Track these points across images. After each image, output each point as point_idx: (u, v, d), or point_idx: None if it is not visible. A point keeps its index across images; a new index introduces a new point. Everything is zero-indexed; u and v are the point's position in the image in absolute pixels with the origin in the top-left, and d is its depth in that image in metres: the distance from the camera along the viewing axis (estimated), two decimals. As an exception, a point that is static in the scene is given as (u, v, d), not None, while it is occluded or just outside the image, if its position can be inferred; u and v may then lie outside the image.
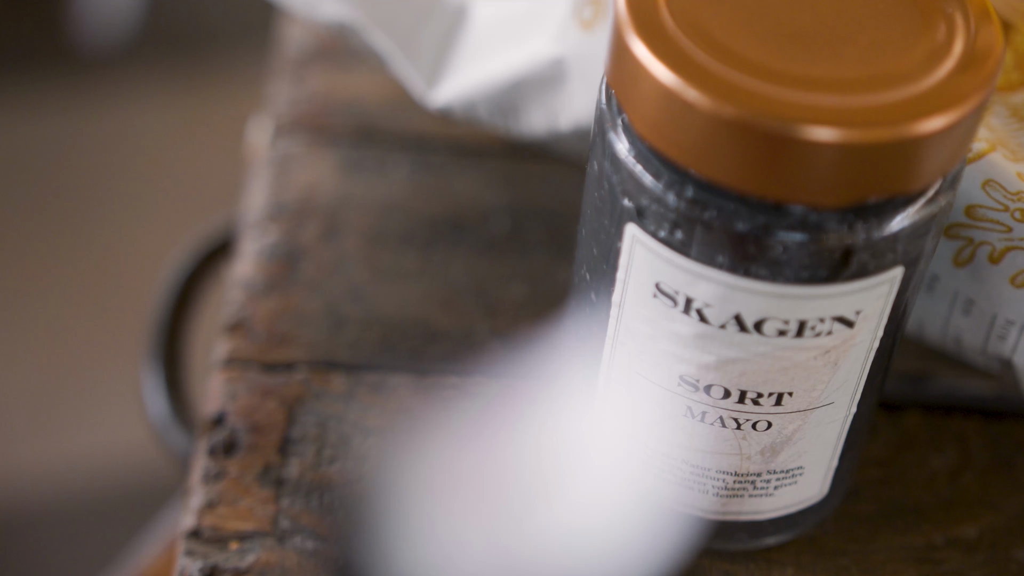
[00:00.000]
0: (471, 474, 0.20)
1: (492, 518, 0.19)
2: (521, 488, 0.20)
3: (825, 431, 0.31)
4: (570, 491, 0.21)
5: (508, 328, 0.40)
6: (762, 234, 0.27)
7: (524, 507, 0.20)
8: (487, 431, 0.21)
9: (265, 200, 0.43)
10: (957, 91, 0.27)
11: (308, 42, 0.49)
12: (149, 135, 1.36)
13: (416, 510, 0.20)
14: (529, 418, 0.21)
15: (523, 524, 0.19)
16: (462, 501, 0.20)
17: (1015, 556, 0.35)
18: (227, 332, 0.39)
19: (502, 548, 0.19)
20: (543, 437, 0.21)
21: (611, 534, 0.21)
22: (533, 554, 0.19)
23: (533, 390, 0.25)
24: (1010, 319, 0.33)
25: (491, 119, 0.40)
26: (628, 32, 0.27)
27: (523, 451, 0.21)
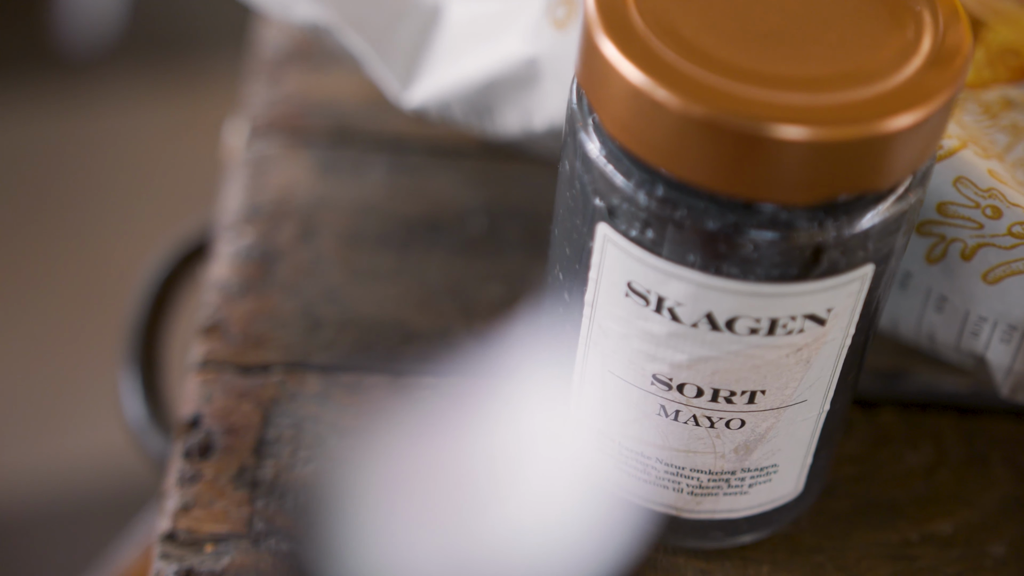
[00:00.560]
0: (425, 474, 0.20)
1: (444, 517, 0.19)
2: (474, 487, 0.20)
3: (799, 429, 0.31)
4: (522, 490, 0.21)
5: (485, 328, 0.40)
6: (733, 233, 0.27)
7: (477, 506, 0.20)
8: (442, 431, 0.21)
9: (241, 202, 0.43)
10: (926, 89, 0.27)
11: (284, 44, 0.49)
12: (130, 138, 1.35)
13: (369, 510, 0.20)
14: (483, 418, 0.21)
15: (475, 523, 0.19)
16: (415, 501, 0.20)
17: (990, 552, 0.35)
18: (203, 334, 0.39)
19: (454, 547, 0.19)
20: (496, 436, 0.21)
21: (563, 531, 0.21)
22: (484, 552, 0.19)
23: (488, 390, 0.25)
24: (982, 316, 0.33)
25: (466, 119, 0.40)
26: (597, 32, 0.27)
27: (477, 451, 0.21)
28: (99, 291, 1.22)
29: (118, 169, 1.33)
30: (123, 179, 1.32)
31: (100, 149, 1.34)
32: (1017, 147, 0.34)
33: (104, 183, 1.31)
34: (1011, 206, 0.32)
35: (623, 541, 0.29)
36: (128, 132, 1.36)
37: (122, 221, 1.28)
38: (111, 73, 1.40)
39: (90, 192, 1.30)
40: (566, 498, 0.22)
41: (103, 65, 1.41)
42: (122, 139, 1.35)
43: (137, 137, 1.36)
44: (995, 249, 0.32)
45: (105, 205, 1.29)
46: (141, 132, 1.36)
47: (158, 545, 0.33)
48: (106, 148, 1.34)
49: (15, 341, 1.17)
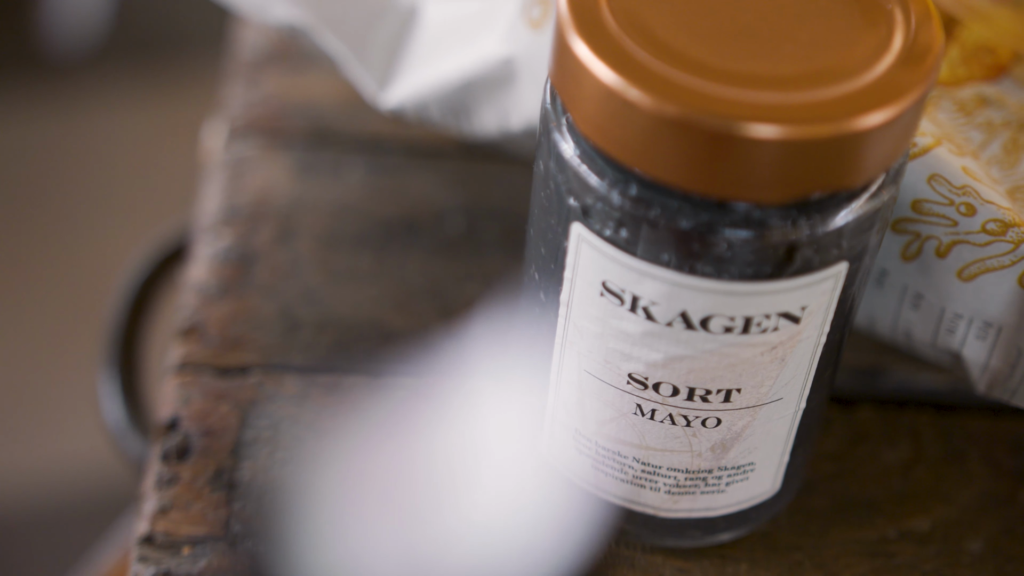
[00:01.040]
0: (385, 473, 0.20)
1: (404, 516, 0.19)
2: (433, 486, 0.20)
3: (775, 427, 0.31)
4: (482, 488, 0.21)
5: (452, 327, 0.40)
6: (706, 232, 0.27)
7: (436, 504, 0.20)
8: (400, 430, 0.21)
9: (219, 204, 0.43)
10: (897, 86, 0.27)
11: (262, 45, 0.49)
12: (112, 140, 1.35)
13: (329, 510, 0.20)
14: (442, 417, 0.21)
15: (434, 521, 0.20)
16: (375, 500, 0.20)
17: (967, 548, 0.35)
18: (180, 337, 0.39)
19: (413, 546, 0.19)
20: (456, 435, 0.21)
21: (523, 529, 0.21)
22: (443, 551, 0.19)
23: (450, 389, 0.25)
24: (958, 313, 0.33)
25: (443, 120, 0.40)
26: (570, 32, 0.27)
27: (437, 449, 0.21)
28: (79, 294, 1.21)
29: (99, 171, 1.32)
30: (104, 181, 1.31)
31: (81, 151, 1.34)
32: (992, 144, 0.35)
33: (85, 185, 1.31)
34: (985, 203, 0.32)
35: (584, 538, 0.29)
36: (109, 134, 1.36)
37: (102, 224, 1.27)
38: (93, 75, 1.40)
39: (71, 195, 1.30)
40: (526, 496, 0.22)
41: (85, 67, 1.40)
42: (103, 141, 1.35)
43: (119, 139, 1.35)
44: (969, 246, 0.32)
45: (86, 208, 1.29)
46: (122, 134, 1.36)
47: (136, 548, 0.33)
48: (87, 150, 1.34)
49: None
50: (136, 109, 1.38)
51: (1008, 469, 0.37)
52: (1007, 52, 0.37)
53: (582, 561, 0.26)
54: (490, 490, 0.22)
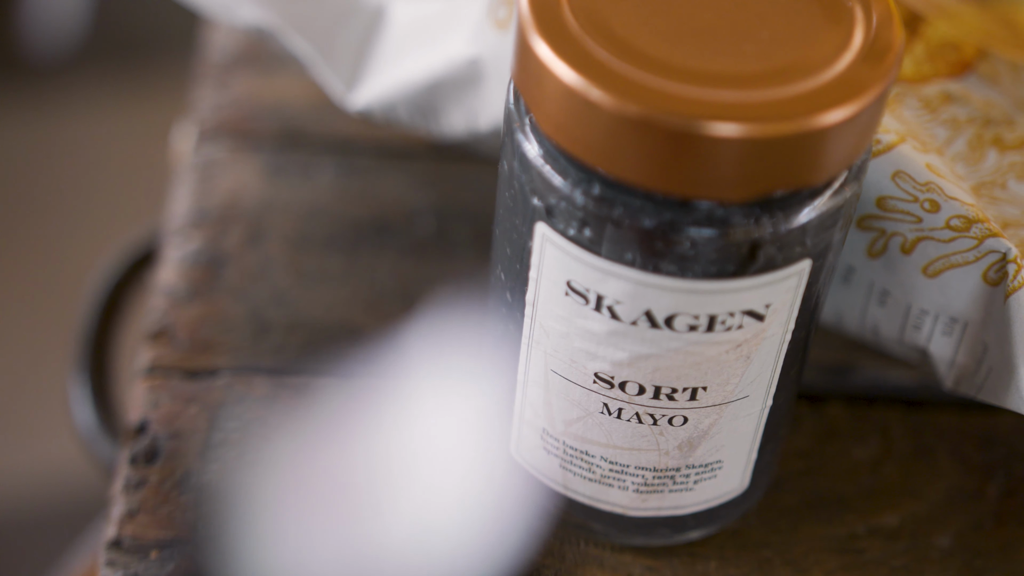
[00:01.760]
0: (325, 476, 0.20)
1: (342, 517, 0.19)
2: (372, 488, 0.20)
3: (742, 424, 0.32)
4: (421, 489, 0.21)
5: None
6: (669, 230, 0.27)
7: (374, 506, 0.20)
8: (342, 433, 0.21)
9: (188, 206, 0.43)
10: (858, 83, 0.27)
11: (232, 47, 0.49)
12: (86, 143, 1.35)
13: (267, 513, 0.20)
14: (382, 419, 0.21)
15: (372, 522, 0.20)
16: (312, 503, 0.20)
17: (936, 543, 0.35)
18: (150, 340, 0.38)
19: (349, 548, 0.19)
20: (397, 437, 0.21)
21: (461, 529, 0.21)
22: (380, 551, 0.19)
23: (388, 391, 0.25)
24: (924, 309, 0.34)
25: (411, 121, 0.40)
26: (531, 32, 0.27)
27: (374, 452, 0.21)
28: (51, 298, 1.21)
29: (71, 175, 1.32)
30: (76, 185, 1.31)
31: (53, 155, 1.34)
32: (957, 141, 0.35)
33: (57, 189, 1.31)
34: (949, 199, 0.32)
35: (525, 536, 0.29)
36: (81, 138, 1.35)
37: (75, 228, 1.27)
38: (67, 79, 1.40)
39: (42, 199, 1.30)
40: (468, 495, 0.22)
41: (58, 71, 1.40)
42: (76, 145, 1.34)
43: (91, 143, 1.35)
44: (934, 242, 0.33)
45: (58, 211, 1.28)
46: (95, 138, 1.35)
47: (104, 552, 0.33)
48: (59, 154, 1.34)
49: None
50: (110, 113, 1.38)
51: (976, 464, 0.37)
52: (972, 49, 0.37)
53: (522, 559, 0.26)
54: (432, 489, 0.22)
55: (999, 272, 0.32)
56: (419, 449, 0.22)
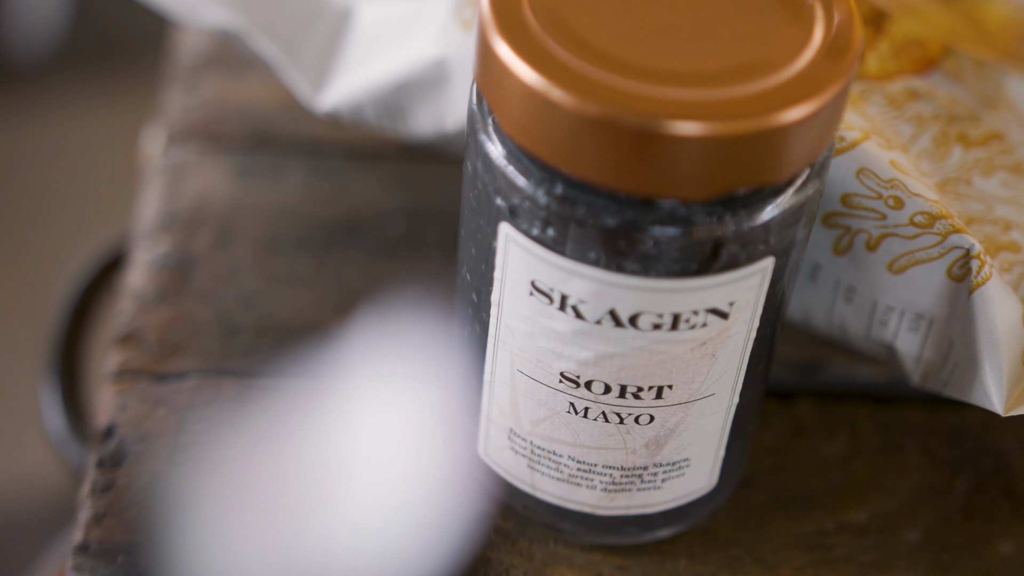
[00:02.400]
0: (265, 478, 0.20)
1: (282, 521, 0.19)
2: (312, 490, 0.20)
3: (709, 422, 0.32)
4: (359, 491, 0.21)
5: (403, 330, 0.40)
6: (632, 229, 0.27)
7: (314, 509, 0.20)
8: (284, 434, 0.21)
9: (157, 210, 0.42)
10: (818, 80, 0.27)
11: (201, 49, 0.48)
12: (56, 147, 1.34)
13: (208, 515, 0.20)
14: (322, 421, 0.21)
15: (311, 526, 0.20)
16: (254, 505, 0.20)
17: (904, 538, 0.35)
18: (118, 344, 0.38)
19: (289, 550, 0.19)
20: (337, 439, 0.21)
21: (398, 532, 0.21)
22: (318, 553, 0.19)
23: (330, 392, 0.25)
24: (890, 305, 0.34)
25: (379, 122, 0.40)
26: (492, 33, 0.27)
27: (316, 454, 0.21)
28: (21, 302, 1.20)
29: (42, 179, 1.31)
30: (47, 189, 1.30)
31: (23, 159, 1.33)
32: (922, 138, 0.35)
33: (27, 193, 1.30)
34: (912, 196, 0.32)
35: (463, 538, 0.29)
36: (54, 142, 1.35)
37: (46, 232, 1.26)
38: (39, 83, 1.39)
39: (12, 203, 1.29)
40: (407, 496, 0.22)
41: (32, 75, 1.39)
42: (46, 149, 1.34)
43: (61, 147, 1.34)
44: (898, 239, 0.33)
45: (28, 215, 1.28)
46: (67, 142, 1.35)
47: (71, 557, 0.33)
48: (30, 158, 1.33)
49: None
50: (81, 117, 1.37)
51: (944, 459, 0.37)
52: (936, 46, 0.37)
53: (461, 560, 0.26)
54: (373, 490, 0.22)
55: (963, 268, 0.32)
56: (361, 450, 0.22)
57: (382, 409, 0.24)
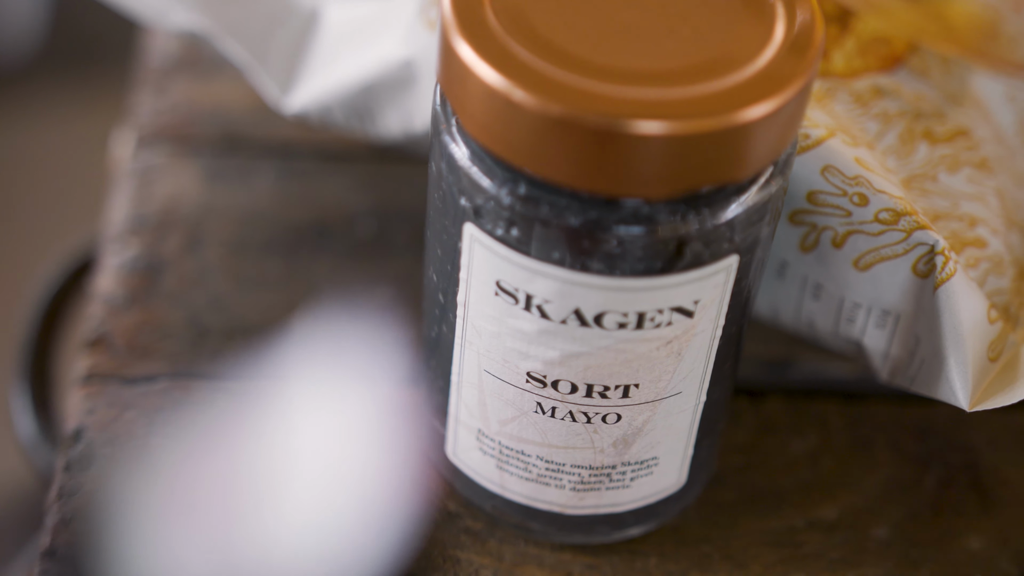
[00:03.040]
0: (208, 480, 0.20)
1: (224, 522, 0.19)
2: (255, 491, 0.20)
3: (676, 421, 0.32)
4: (299, 492, 0.21)
5: (374, 332, 0.39)
6: (595, 229, 0.27)
7: (256, 510, 0.20)
8: (225, 436, 0.21)
9: (126, 213, 0.42)
10: (779, 77, 0.27)
11: (171, 52, 0.48)
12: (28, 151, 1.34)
13: (146, 518, 0.20)
14: (264, 422, 0.21)
15: (253, 527, 0.20)
16: (196, 507, 0.20)
17: (873, 534, 0.36)
18: (87, 348, 0.38)
19: (231, 551, 0.19)
20: (274, 440, 0.21)
21: (339, 533, 0.21)
22: (261, 555, 0.19)
23: (271, 394, 0.25)
24: (857, 302, 0.34)
25: (347, 123, 0.40)
26: (453, 34, 0.27)
27: (256, 455, 0.21)
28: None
29: (13, 183, 1.31)
30: (18, 193, 1.30)
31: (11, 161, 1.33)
32: (888, 135, 0.35)
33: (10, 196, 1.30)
34: (877, 193, 0.32)
35: (405, 539, 0.29)
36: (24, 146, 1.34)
37: (16, 236, 1.26)
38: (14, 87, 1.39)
39: (1, 206, 1.29)
40: (348, 497, 0.22)
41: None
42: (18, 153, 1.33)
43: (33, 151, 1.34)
44: (864, 236, 0.33)
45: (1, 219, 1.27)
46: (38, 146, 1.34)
47: (38, 563, 0.33)
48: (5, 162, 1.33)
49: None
50: (52, 120, 1.37)
51: (913, 455, 0.37)
52: (902, 43, 0.37)
53: (402, 561, 0.26)
54: (314, 491, 0.22)
55: (928, 264, 0.32)
56: (304, 451, 0.22)
57: (327, 410, 0.24)
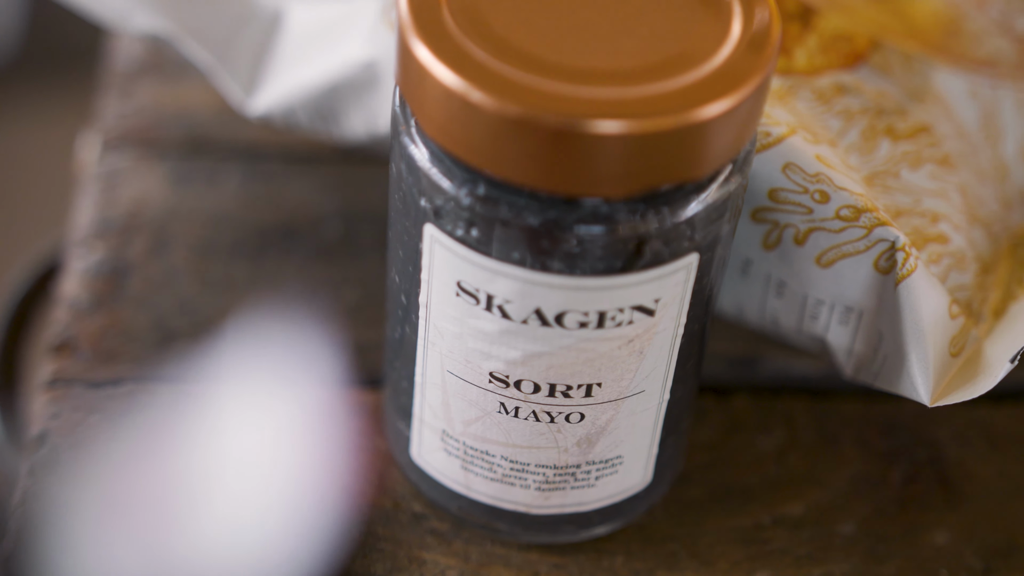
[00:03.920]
0: (139, 483, 0.20)
1: (151, 528, 0.19)
2: (187, 496, 0.20)
3: (640, 419, 0.32)
4: (231, 495, 0.21)
5: (340, 334, 0.39)
6: (555, 228, 0.27)
7: (188, 515, 0.20)
8: (160, 439, 0.21)
9: (91, 217, 0.42)
10: (737, 75, 0.27)
11: (136, 55, 0.48)
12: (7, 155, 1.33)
13: (81, 523, 0.20)
14: (194, 428, 0.21)
15: (186, 531, 0.19)
16: (124, 512, 0.20)
17: (839, 531, 0.36)
18: (52, 353, 0.38)
19: (161, 552, 0.19)
20: (208, 446, 0.21)
21: (270, 533, 0.21)
22: (191, 556, 0.19)
23: (206, 397, 0.25)
24: (819, 299, 0.34)
25: (312, 125, 0.40)
26: (410, 35, 0.27)
27: (190, 457, 0.21)
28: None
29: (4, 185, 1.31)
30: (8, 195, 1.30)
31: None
32: (850, 132, 0.35)
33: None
34: (838, 190, 0.32)
35: (333, 540, 0.29)
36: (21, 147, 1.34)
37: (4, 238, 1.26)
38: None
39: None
40: (278, 500, 0.22)
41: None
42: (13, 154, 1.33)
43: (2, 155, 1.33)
44: (825, 233, 0.33)
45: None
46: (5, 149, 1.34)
47: (1, 568, 0.33)
48: None
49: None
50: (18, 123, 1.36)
51: (880, 451, 0.38)
52: (864, 40, 0.37)
53: (332, 563, 0.26)
54: (243, 496, 0.22)
55: (889, 260, 0.32)
56: (235, 453, 0.22)
57: (261, 411, 0.24)
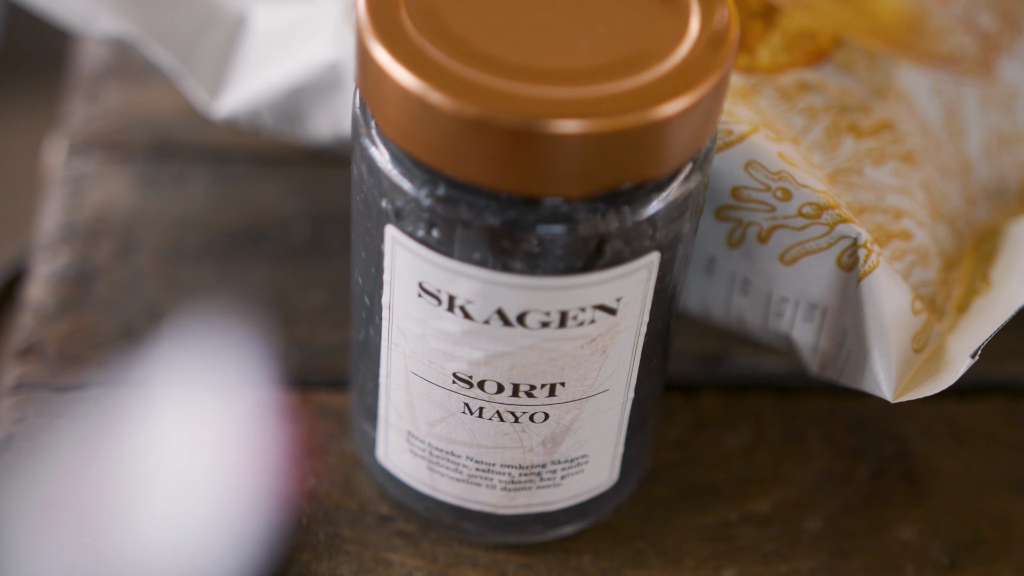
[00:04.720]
0: (77, 490, 0.20)
1: (87, 528, 0.19)
2: (122, 500, 0.20)
3: (605, 418, 0.32)
4: (166, 499, 0.21)
5: (307, 336, 0.39)
6: (515, 228, 0.27)
7: (122, 519, 0.20)
8: (98, 442, 0.21)
9: (57, 221, 0.42)
10: (695, 73, 0.27)
11: (103, 58, 0.48)
12: None
13: (21, 525, 0.20)
14: (133, 428, 0.21)
15: (119, 535, 0.19)
16: (61, 515, 0.20)
17: (806, 527, 0.36)
18: (17, 358, 0.38)
19: (98, 561, 0.19)
20: (146, 446, 0.21)
21: (206, 537, 0.21)
22: (127, 558, 0.19)
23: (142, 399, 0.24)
24: (784, 296, 0.34)
25: (277, 127, 0.40)
26: (368, 36, 0.27)
27: (128, 460, 0.21)
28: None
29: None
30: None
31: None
32: (814, 129, 0.35)
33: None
34: (800, 187, 0.32)
35: (270, 542, 0.29)
36: None
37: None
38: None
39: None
40: (214, 503, 0.22)
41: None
42: None
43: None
44: (788, 230, 0.33)
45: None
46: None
47: (-33, 575, 0.33)
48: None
49: None
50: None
51: (846, 447, 0.38)
52: (827, 38, 0.37)
53: (269, 564, 0.26)
54: (179, 498, 0.22)
55: (851, 257, 0.32)
56: (171, 456, 0.22)
57: (197, 414, 0.24)
